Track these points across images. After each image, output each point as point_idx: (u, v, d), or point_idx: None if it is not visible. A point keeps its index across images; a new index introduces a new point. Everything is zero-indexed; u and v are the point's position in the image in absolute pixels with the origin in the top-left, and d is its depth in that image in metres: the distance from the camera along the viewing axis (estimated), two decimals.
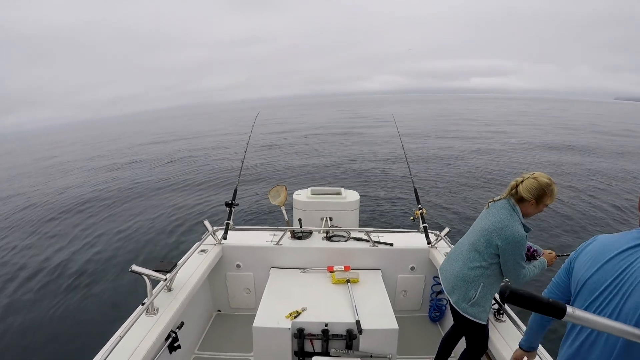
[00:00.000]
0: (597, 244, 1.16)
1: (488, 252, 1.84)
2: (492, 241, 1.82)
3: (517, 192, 1.83)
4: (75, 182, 12.06)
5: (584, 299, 1.11)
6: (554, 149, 14.46)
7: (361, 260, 2.93)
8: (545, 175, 1.81)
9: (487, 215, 1.92)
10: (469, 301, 1.89)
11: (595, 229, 6.51)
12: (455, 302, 1.94)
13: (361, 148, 15.23)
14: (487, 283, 1.88)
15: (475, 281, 1.88)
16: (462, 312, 1.91)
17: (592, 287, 1.09)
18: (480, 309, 1.89)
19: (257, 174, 10.77)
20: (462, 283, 1.92)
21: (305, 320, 2.22)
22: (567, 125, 24.41)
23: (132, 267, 2.08)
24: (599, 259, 1.10)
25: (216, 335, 2.93)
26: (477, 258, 1.89)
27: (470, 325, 1.94)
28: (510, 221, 1.79)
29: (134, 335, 1.86)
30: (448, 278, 2.03)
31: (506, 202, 1.86)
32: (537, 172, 1.85)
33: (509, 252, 1.79)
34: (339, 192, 3.47)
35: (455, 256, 2.05)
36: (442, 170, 11.06)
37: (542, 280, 1.82)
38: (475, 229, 1.97)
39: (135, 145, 22.82)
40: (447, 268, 2.08)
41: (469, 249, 1.94)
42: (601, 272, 1.08)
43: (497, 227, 1.81)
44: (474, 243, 1.92)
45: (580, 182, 9.54)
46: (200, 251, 2.91)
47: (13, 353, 3.75)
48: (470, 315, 1.90)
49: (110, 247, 6.21)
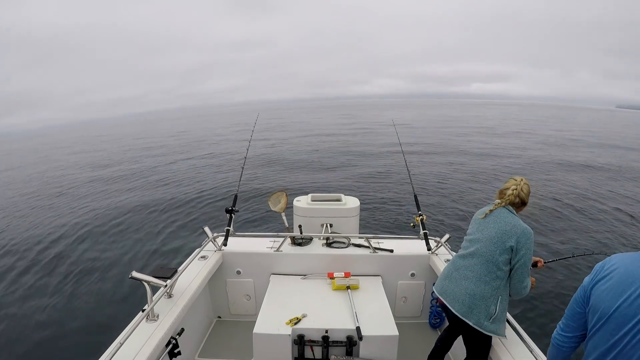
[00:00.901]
0: (619, 270, 1.08)
1: (503, 258, 1.80)
2: (505, 244, 1.79)
3: (520, 199, 1.89)
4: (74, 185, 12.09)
5: (610, 332, 1.05)
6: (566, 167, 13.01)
7: (361, 266, 2.93)
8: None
9: (487, 225, 1.90)
10: (490, 318, 1.81)
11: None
12: (476, 323, 1.81)
13: (361, 154, 15.25)
14: (504, 295, 1.84)
15: (494, 295, 1.82)
16: (485, 331, 1.81)
17: (620, 320, 1.03)
18: (501, 324, 1.85)
19: (257, 180, 10.78)
20: (481, 301, 1.82)
21: (306, 327, 2.22)
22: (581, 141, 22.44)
23: (132, 273, 2.09)
24: (624, 289, 1.03)
25: (216, 341, 2.92)
26: (492, 270, 1.82)
27: (485, 341, 1.89)
28: (517, 221, 1.83)
29: (134, 341, 1.86)
30: (460, 300, 1.88)
31: (504, 209, 1.90)
32: (517, 176, 1.98)
33: (524, 250, 1.77)
34: (339, 198, 3.49)
35: (460, 275, 1.93)
36: (443, 176, 11.07)
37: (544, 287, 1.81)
38: (479, 242, 1.90)
39: (136, 146, 22.89)
40: (452, 290, 1.94)
41: (480, 263, 1.86)
42: (630, 304, 1.01)
43: (507, 229, 1.81)
44: (484, 255, 1.85)
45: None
46: (201, 257, 2.91)
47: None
48: (492, 332, 1.82)
49: (110, 253, 6.20)
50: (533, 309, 4.24)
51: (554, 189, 9.58)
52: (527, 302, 4.31)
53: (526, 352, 1.92)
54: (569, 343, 1.28)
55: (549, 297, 4.47)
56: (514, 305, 4.11)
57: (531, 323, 3.88)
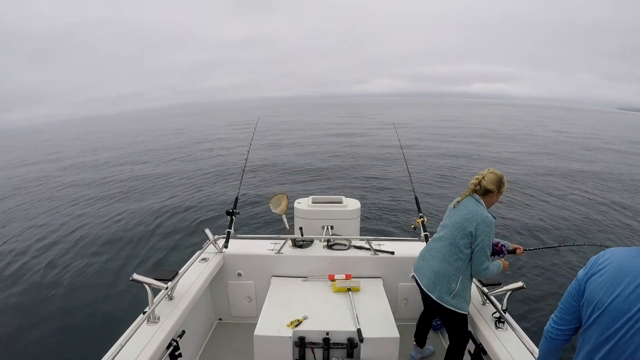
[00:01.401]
0: (613, 264, 1.10)
1: (464, 242, 2.03)
2: (466, 229, 2.02)
3: (482, 187, 2.11)
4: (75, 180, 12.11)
5: (605, 326, 1.06)
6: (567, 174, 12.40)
7: (362, 268, 2.93)
8: (497, 170, 2.15)
9: (455, 212, 2.15)
10: (451, 293, 2.06)
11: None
12: (438, 297, 2.08)
13: (362, 155, 15.23)
14: (465, 275, 2.08)
15: (455, 274, 2.06)
16: (446, 304, 2.06)
17: (614, 314, 1.04)
18: (461, 300, 2.08)
19: (258, 183, 10.78)
20: (443, 278, 2.08)
21: (307, 329, 2.23)
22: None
23: (133, 275, 2.10)
24: (619, 282, 1.05)
25: (217, 343, 2.92)
26: (454, 251, 2.06)
27: (453, 316, 2.11)
28: (479, 210, 2.05)
29: (135, 344, 1.87)
30: (427, 276, 2.16)
31: (470, 198, 2.13)
32: (490, 168, 2.19)
33: (482, 236, 1.99)
34: (340, 200, 3.49)
35: (430, 255, 2.20)
36: (444, 178, 11.06)
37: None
38: (447, 227, 2.16)
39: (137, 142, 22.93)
40: (423, 267, 2.22)
41: (445, 245, 2.12)
42: (624, 298, 1.02)
43: (468, 217, 2.04)
44: (448, 238, 2.11)
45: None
46: (202, 260, 2.92)
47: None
48: (453, 306, 2.06)
49: (110, 255, 6.20)
50: (537, 310, 4.23)
51: (553, 184, 9.61)
52: (528, 303, 4.32)
53: (517, 341, 1.96)
54: (562, 336, 1.29)
55: (554, 298, 4.46)
56: (517, 305, 4.13)
57: (534, 323, 3.89)
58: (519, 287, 2.15)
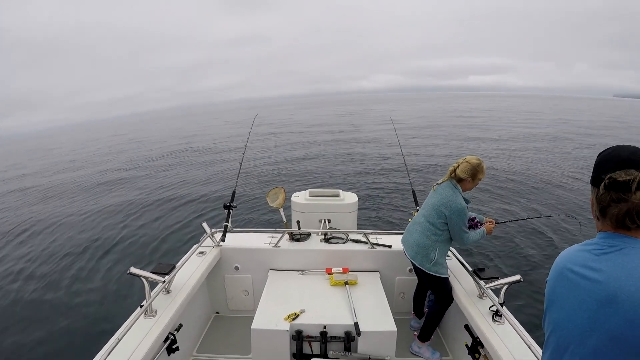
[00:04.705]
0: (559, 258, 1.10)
1: (439, 222, 2.35)
2: (441, 212, 2.32)
3: (456, 175, 2.33)
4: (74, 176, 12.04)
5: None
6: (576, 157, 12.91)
7: (359, 262, 2.94)
8: (475, 157, 2.34)
9: (434, 194, 2.42)
10: (430, 262, 2.39)
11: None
12: (420, 264, 2.42)
13: (359, 149, 15.21)
14: (442, 246, 2.40)
15: (432, 246, 2.38)
16: (428, 270, 2.40)
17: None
18: (440, 266, 2.41)
19: (255, 176, 10.76)
20: (423, 249, 2.41)
21: (304, 322, 2.23)
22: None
23: (131, 269, 2.09)
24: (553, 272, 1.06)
25: (214, 337, 2.93)
26: (431, 228, 2.38)
27: (435, 280, 2.44)
28: (453, 196, 2.30)
29: (133, 337, 1.87)
30: (411, 246, 2.49)
31: (448, 182, 2.37)
32: (469, 156, 2.38)
33: (454, 220, 2.29)
34: (337, 194, 3.49)
35: (413, 229, 2.53)
36: (441, 171, 11.06)
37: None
38: (427, 206, 2.46)
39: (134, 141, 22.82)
40: (408, 239, 2.56)
41: (424, 222, 2.43)
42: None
43: (444, 201, 2.31)
44: (427, 217, 2.42)
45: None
46: (199, 253, 2.91)
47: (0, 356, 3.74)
48: (434, 272, 2.40)
49: (107, 248, 6.19)
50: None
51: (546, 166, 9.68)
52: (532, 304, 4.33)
53: (514, 334, 1.98)
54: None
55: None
56: (518, 298, 4.14)
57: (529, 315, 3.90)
58: (516, 280, 2.15)
